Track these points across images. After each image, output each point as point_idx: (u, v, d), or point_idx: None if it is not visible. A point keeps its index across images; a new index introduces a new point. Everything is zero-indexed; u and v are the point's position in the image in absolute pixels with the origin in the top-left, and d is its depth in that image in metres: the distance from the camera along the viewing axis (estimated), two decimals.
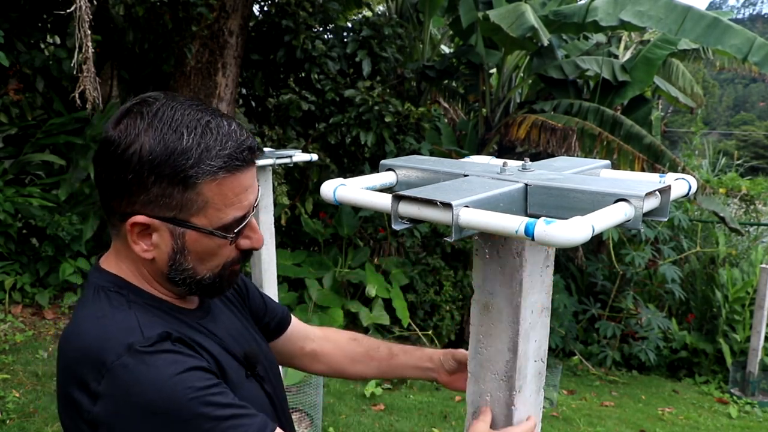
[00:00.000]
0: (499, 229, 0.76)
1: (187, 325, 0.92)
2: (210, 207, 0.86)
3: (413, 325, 5.45)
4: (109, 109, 4.74)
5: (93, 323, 0.85)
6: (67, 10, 3.33)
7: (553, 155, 5.34)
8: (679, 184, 0.96)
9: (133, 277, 0.92)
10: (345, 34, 6.10)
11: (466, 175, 0.96)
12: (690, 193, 0.98)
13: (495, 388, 0.96)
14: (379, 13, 7.73)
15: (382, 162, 1.08)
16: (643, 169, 5.57)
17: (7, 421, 3.07)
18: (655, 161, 5.69)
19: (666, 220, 0.88)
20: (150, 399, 0.77)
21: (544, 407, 1.05)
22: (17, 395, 3.32)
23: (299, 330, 1.28)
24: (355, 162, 5.86)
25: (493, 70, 7.44)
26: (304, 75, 5.77)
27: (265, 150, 2.71)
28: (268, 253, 2.73)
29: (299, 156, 2.69)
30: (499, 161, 1.02)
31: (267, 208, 2.64)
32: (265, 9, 6.03)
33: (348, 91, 5.57)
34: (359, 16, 7.29)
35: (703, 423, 4.96)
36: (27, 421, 3.10)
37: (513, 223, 0.74)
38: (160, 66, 5.24)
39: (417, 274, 5.68)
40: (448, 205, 0.78)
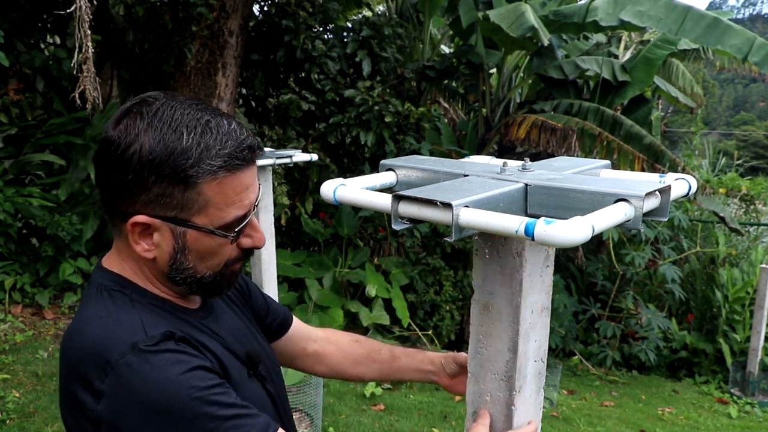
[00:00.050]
0: (499, 229, 0.76)
1: (190, 324, 0.92)
2: (211, 206, 0.86)
3: (413, 325, 5.45)
4: (109, 109, 4.74)
5: (97, 322, 0.85)
6: (67, 10, 3.33)
7: (553, 155, 5.34)
8: (679, 184, 0.96)
9: (135, 276, 0.92)
10: (345, 34, 6.09)
11: (466, 175, 0.96)
12: (690, 193, 0.98)
13: (495, 388, 0.96)
14: (379, 13, 7.73)
15: (382, 162, 1.08)
16: (643, 169, 5.57)
17: (7, 421, 3.06)
18: (655, 161, 5.69)
19: (666, 220, 0.88)
20: (154, 398, 0.77)
21: (544, 407, 1.05)
22: (17, 395, 3.32)
23: (301, 331, 1.28)
24: (355, 162, 5.86)
25: (493, 70, 7.44)
26: (304, 75, 5.77)
27: (265, 150, 2.71)
28: (268, 253, 2.73)
29: (299, 156, 2.69)
30: (499, 161, 1.02)
31: (267, 208, 2.64)
32: (265, 9, 6.03)
33: (348, 91, 5.57)
34: (359, 16, 7.29)
35: (703, 423, 4.96)
36: (27, 421, 3.10)
37: (513, 223, 0.74)
38: (160, 66, 5.24)
39: (417, 274, 5.68)
40: (448, 205, 0.78)
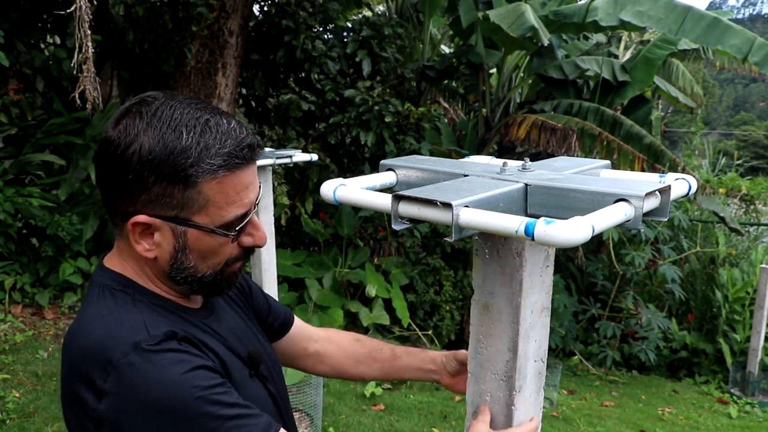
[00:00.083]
0: (499, 229, 0.76)
1: (192, 324, 0.92)
2: (211, 205, 0.86)
3: (413, 325, 5.45)
4: (109, 109, 4.74)
5: (99, 321, 0.85)
6: (67, 10, 3.33)
7: (553, 155, 5.34)
8: (679, 184, 0.96)
9: (137, 276, 0.92)
10: (345, 34, 6.09)
11: (466, 175, 0.96)
12: (690, 193, 0.98)
13: (495, 388, 0.96)
14: (379, 13, 7.72)
15: (382, 162, 1.08)
16: (643, 169, 5.57)
17: (7, 421, 3.06)
18: (655, 161, 5.69)
19: (666, 220, 0.88)
20: (156, 397, 0.77)
21: (544, 407, 1.05)
22: (17, 395, 3.32)
23: (302, 331, 1.28)
24: (355, 162, 5.86)
25: (493, 70, 7.44)
26: (304, 75, 5.77)
27: (265, 150, 2.71)
28: (268, 253, 2.73)
29: (299, 156, 2.69)
30: (499, 161, 1.02)
31: (267, 208, 2.64)
32: (265, 9, 6.03)
33: (348, 91, 5.57)
34: (359, 16, 7.29)
35: (703, 423, 4.96)
36: (27, 421, 3.10)
37: (513, 223, 0.74)
38: (160, 66, 5.24)
39: (417, 274, 5.68)
40: (448, 205, 0.78)
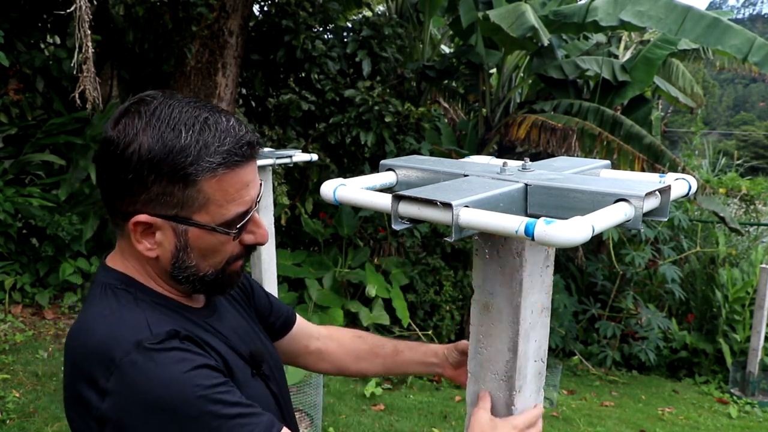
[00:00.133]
0: (499, 229, 0.76)
1: (194, 323, 0.92)
2: (211, 203, 0.86)
3: (413, 325, 5.45)
4: (109, 109, 4.74)
5: (101, 320, 0.85)
6: (67, 10, 3.33)
7: (553, 155, 5.34)
8: (679, 184, 0.96)
9: (139, 275, 0.92)
10: (345, 34, 6.09)
11: (466, 175, 0.96)
12: (690, 193, 0.98)
13: (495, 388, 0.96)
14: (379, 13, 7.72)
15: (382, 162, 1.08)
16: (643, 169, 5.57)
17: (7, 421, 3.06)
18: (655, 161, 5.69)
19: (666, 220, 0.88)
20: (158, 396, 0.77)
21: (544, 407, 1.05)
22: (17, 395, 3.32)
23: (304, 329, 1.28)
24: (355, 162, 5.85)
25: (493, 70, 7.43)
26: (304, 75, 5.77)
27: (265, 150, 2.72)
28: (268, 253, 2.74)
29: (299, 156, 2.70)
30: (499, 161, 1.02)
31: (267, 208, 2.64)
32: (265, 9, 6.03)
33: (348, 91, 5.57)
34: (359, 16, 7.28)
35: (703, 423, 4.96)
36: (27, 421, 3.10)
37: (513, 223, 0.74)
38: (160, 66, 5.24)
39: (417, 274, 5.68)
40: (448, 205, 0.78)
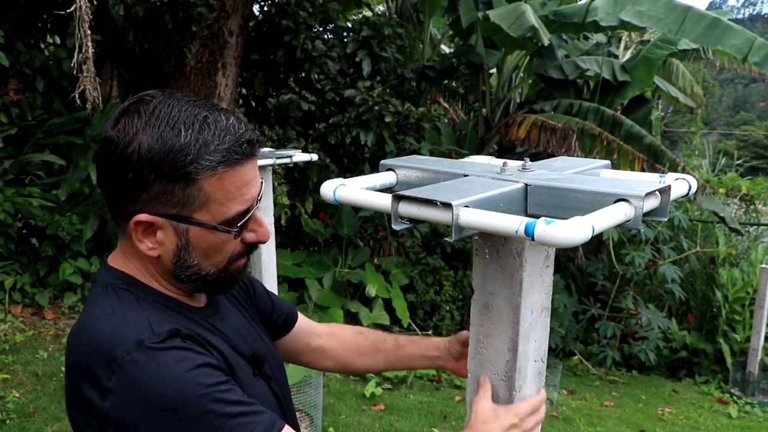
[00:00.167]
0: (499, 229, 0.76)
1: (196, 322, 0.92)
2: (212, 202, 0.86)
3: (413, 325, 5.45)
4: (109, 109, 4.73)
5: (103, 320, 0.85)
6: (67, 10, 3.33)
7: (553, 155, 5.34)
8: (679, 184, 0.96)
9: (141, 274, 0.92)
10: (345, 34, 6.09)
11: (466, 175, 0.96)
12: (690, 193, 0.98)
13: (495, 388, 0.96)
14: (379, 13, 7.72)
15: (382, 162, 1.08)
16: (643, 169, 5.57)
17: (7, 421, 3.06)
18: (655, 161, 5.69)
19: (666, 220, 0.88)
20: (159, 395, 0.77)
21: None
22: (17, 395, 3.32)
23: (305, 327, 1.28)
24: (355, 162, 5.85)
25: (493, 70, 7.43)
26: (304, 75, 5.77)
27: (265, 150, 2.72)
28: (268, 253, 2.74)
29: (299, 156, 2.70)
30: (499, 161, 1.02)
31: (267, 208, 2.64)
32: (265, 9, 6.03)
33: (348, 91, 5.57)
34: (359, 16, 7.28)
35: (703, 423, 4.96)
36: (27, 421, 3.10)
37: (513, 223, 0.74)
38: (160, 66, 5.24)
39: (417, 274, 5.68)
40: (448, 205, 0.78)
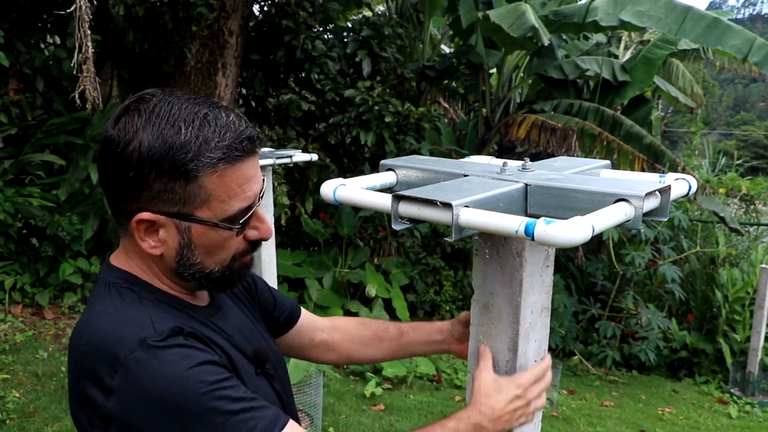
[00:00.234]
0: (499, 229, 0.76)
1: (198, 321, 0.92)
2: (213, 199, 0.85)
3: None
4: (109, 109, 4.73)
5: (105, 319, 0.85)
6: (67, 10, 3.33)
7: (553, 155, 5.34)
8: (679, 184, 0.96)
9: (143, 273, 0.92)
10: (345, 34, 6.10)
11: (466, 175, 0.96)
12: (690, 193, 0.98)
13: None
14: (379, 13, 7.73)
15: (382, 162, 1.08)
16: (643, 169, 5.57)
17: (7, 421, 3.06)
18: (655, 161, 5.69)
19: (666, 220, 0.88)
20: (162, 393, 0.78)
21: (544, 407, 1.05)
22: (17, 395, 3.32)
23: (309, 322, 1.28)
24: (355, 162, 5.86)
25: (493, 70, 7.44)
26: (304, 75, 5.77)
27: (265, 150, 2.72)
28: (268, 253, 2.74)
29: (299, 156, 2.70)
30: (499, 161, 1.02)
31: (267, 208, 2.64)
32: (265, 9, 6.03)
33: (348, 91, 5.57)
34: (359, 16, 7.28)
35: (703, 423, 4.96)
36: (27, 421, 3.10)
37: (513, 223, 0.74)
38: (160, 66, 5.24)
39: (417, 274, 5.68)
40: (448, 205, 0.78)
